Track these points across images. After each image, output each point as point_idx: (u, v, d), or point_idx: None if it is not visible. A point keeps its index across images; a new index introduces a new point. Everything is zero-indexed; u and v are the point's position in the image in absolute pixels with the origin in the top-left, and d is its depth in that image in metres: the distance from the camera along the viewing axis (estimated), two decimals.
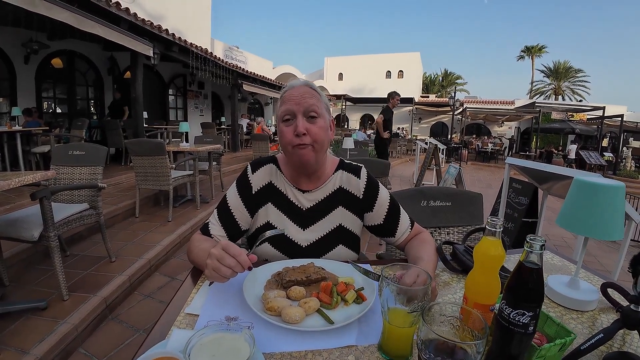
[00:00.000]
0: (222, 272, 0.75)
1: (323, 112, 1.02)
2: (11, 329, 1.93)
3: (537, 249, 0.55)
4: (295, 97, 0.98)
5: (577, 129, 16.31)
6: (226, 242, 0.79)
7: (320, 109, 1.00)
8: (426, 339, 0.46)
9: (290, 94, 1.00)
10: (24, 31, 6.09)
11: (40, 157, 5.67)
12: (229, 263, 0.75)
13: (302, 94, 0.99)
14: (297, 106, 0.98)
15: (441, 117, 23.51)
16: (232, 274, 0.76)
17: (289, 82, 1.07)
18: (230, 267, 0.75)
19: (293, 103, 0.98)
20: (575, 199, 0.89)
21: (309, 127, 0.97)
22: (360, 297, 0.80)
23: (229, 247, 0.77)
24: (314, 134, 0.98)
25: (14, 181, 1.81)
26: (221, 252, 0.76)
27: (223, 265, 0.75)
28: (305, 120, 0.98)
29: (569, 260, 1.14)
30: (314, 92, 1.01)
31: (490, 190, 7.64)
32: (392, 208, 1.12)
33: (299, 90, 1.00)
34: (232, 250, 0.76)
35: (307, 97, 0.99)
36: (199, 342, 0.57)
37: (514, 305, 0.55)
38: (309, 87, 1.02)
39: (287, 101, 1.00)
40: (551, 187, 2.77)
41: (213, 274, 0.77)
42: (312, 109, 0.98)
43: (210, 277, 0.79)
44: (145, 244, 3.25)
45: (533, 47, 35.26)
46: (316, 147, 0.99)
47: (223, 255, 0.76)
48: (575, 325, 0.76)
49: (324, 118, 1.01)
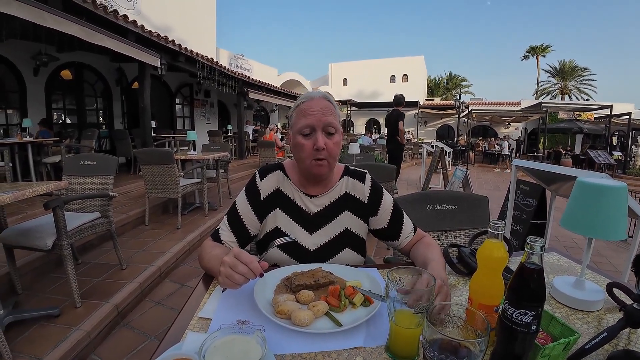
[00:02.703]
0: (235, 279, 0.78)
1: (339, 127, 1.06)
2: (25, 336, 1.97)
3: (538, 250, 0.57)
4: (316, 112, 1.01)
5: (585, 129, 16.15)
6: (238, 250, 0.82)
7: (337, 124, 1.04)
8: (430, 339, 0.48)
9: (310, 107, 1.02)
10: (33, 44, 6.24)
11: (51, 167, 5.79)
12: (241, 270, 0.78)
13: (323, 110, 1.02)
14: (317, 122, 1.01)
15: (447, 120, 23.43)
16: (245, 280, 0.79)
17: (306, 93, 1.10)
18: (242, 274, 0.78)
19: (313, 118, 1.01)
20: (578, 201, 0.90)
21: (327, 142, 1.01)
22: (368, 300, 0.82)
23: (241, 254, 0.80)
24: (330, 149, 1.02)
25: (28, 191, 1.86)
26: (234, 259, 0.79)
27: (236, 272, 0.78)
28: (324, 135, 1.01)
29: (575, 261, 1.15)
30: (332, 107, 1.05)
31: (497, 193, 7.59)
32: (396, 212, 1.15)
33: (318, 104, 1.03)
34: (244, 257, 0.79)
35: (326, 113, 1.02)
36: (212, 344, 0.59)
37: (516, 305, 0.57)
38: (327, 101, 1.05)
39: (307, 115, 1.02)
40: (559, 188, 2.76)
41: (226, 281, 0.80)
42: (331, 125, 1.02)
43: (224, 284, 0.82)
44: (155, 251, 3.30)
45: (538, 46, 35.02)
46: (331, 161, 1.04)
47: (236, 263, 0.79)
48: (580, 325, 0.77)
49: (339, 133, 1.06)
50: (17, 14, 3.21)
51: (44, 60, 6.42)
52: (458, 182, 5.69)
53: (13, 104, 6.82)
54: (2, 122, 6.69)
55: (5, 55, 6.31)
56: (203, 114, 12.07)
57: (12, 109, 6.83)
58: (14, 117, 6.83)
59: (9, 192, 1.75)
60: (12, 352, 1.78)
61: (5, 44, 5.95)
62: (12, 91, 6.70)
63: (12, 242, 2.22)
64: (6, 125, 6.71)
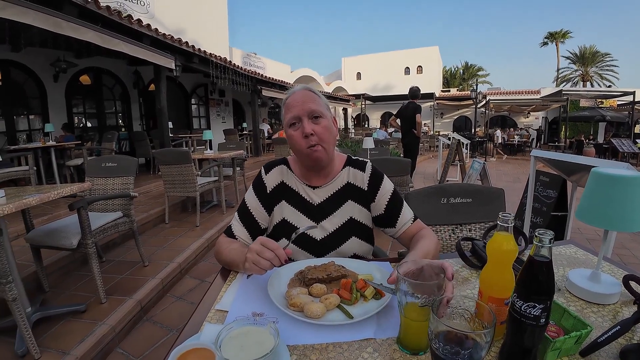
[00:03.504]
0: (262, 265, 0.82)
1: (324, 111, 1.09)
2: (52, 332, 2.07)
3: (547, 243, 0.57)
4: (299, 103, 1.07)
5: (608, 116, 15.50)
6: (265, 238, 0.86)
7: (322, 109, 1.08)
8: (436, 331, 0.49)
9: (293, 100, 1.09)
10: (52, 51, 6.45)
11: (74, 170, 6.00)
12: (267, 256, 0.82)
13: (304, 99, 1.07)
14: (301, 111, 1.05)
15: (464, 111, 22.97)
16: (270, 266, 0.83)
17: (289, 90, 1.16)
18: (269, 260, 0.82)
19: (297, 109, 1.06)
20: (593, 192, 0.88)
21: (315, 127, 1.06)
22: (379, 293, 0.83)
23: (267, 242, 0.85)
24: (319, 133, 1.06)
25: (53, 193, 1.94)
26: (260, 246, 0.84)
27: (262, 258, 0.82)
28: (310, 122, 1.06)
29: (593, 253, 1.13)
30: (313, 95, 1.10)
31: (517, 185, 7.41)
32: (394, 199, 1.16)
33: (299, 96, 1.09)
34: (271, 245, 0.84)
35: (308, 102, 1.07)
36: (228, 334, 0.62)
37: (524, 298, 0.57)
38: (308, 91, 1.10)
39: (291, 107, 1.08)
40: (580, 179, 2.69)
41: (253, 266, 0.84)
42: (315, 111, 1.06)
43: (250, 270, 0.85)
44: (175, 248, 3.39)
45: (557, 32, 33.78)
46: (325, 146, 1.07)
47: (262, 250, 0.83)
48: (595, 318, 0.76)
49: (326, 117, 1.09)
50: (34, 23, 3.31)
51: (63, 66, 6.65)
52: (476, 174, 5.59)
53: (35, 110, 7.10)
54: (24, 127, 6.98)
55: (26, 63, 6.55)
56: (218, 113, 12.23)
57: (34, 114, 7.11)
58: (37, 123, 7.10)
59: (34, 195, 1.84)
60: (40, 347, 1.86)
61: (25, 52, 6.18)
62: (33, 97, 6.97)
63: (39, 242, 2.33)
64: (29, 130, 6.99)
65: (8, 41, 5.38)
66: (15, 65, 6.45)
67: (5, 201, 1.77)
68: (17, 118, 6.85)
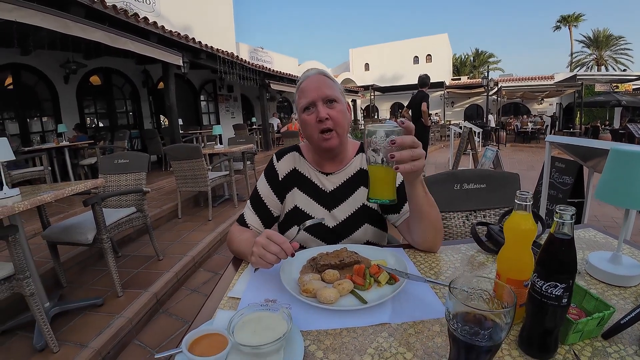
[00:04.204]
0: (268, 259, 0.81)
1: (340, 96, 1.07)
2: (70, 325, 2.12)
3: (568, 219, 0.54)
4: (313, 88, 1.04)
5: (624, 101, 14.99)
6: (271, 232, 0.85)
7: (337, 94, 1.06)
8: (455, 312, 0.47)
9: (308, 85, 1.06)
10: (61, 53, 6.54)
11: (88, 169, 6.12)
12: (273, 250, 0.81)
13: (319, 84, 1.05)
14: (316, 96, 1.03)
15: (475, 99, 22.53)
16: (276, 260, 0.82)
17: (302, 74, 1.12)
18: (275, 254, 0.81)
19: (312, 93, 1.03)
20: (613, 170, 0.85)
21: (330, 112, 1.03)
22: (393, 278, 0.82)
23: (273, 235, 0.83)
24: (335, 118, 1.03)
25: (67, 190, 1.98)
26: (266, 240, 0.82)
27: (268, 252, 0.81)
28: (325, 106, 1.03)
29: (613, 237, 1.09)
30: (328, 80, 1.07)
31: (532, 172, 7.26)
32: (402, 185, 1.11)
33: (314, 80, 1.06)
34: (276, 238, 0.82)
35: (323, 86, 1.04)
36: (240, 320, 0.62)
37: (546, 278, 0.55)
38: (323, 76, 1.08)
39: (305, 92, 1.05)
40: (597, 164, 2.61)
41: (259, 260, 0.83)
42: (330, 95, 1.04)
43: (256, 264, 0.85)
44: (189, 242, 3.44)
45: (569, 16, 32.78)
46: (339, 130, 1.05)
47: (268, 243, 0.82)
48: (617, 301, 0.73)
49: (341, 102, 1.07)
50: (42, 25, 3.36)
51: (73, 67, 6.75)
52: (488, 162, 5.50)
53: (47, 112, 7.24)
54: (38, 129, 7.12)
55: (36, 66, 6.67)
56: (227, 109, 12.27)
57: (46, 116, 7.26)
58: (50, 124, 7.25)
59: (49, 192, 1.87)
60: (58, 340, 1.91)
61: (35, 55, 6.29)
62: (45, 100, 7.11)
63: (55, 238, 2.38)
64: (42, 132, 7.14)
65: (17, 44, 5.46)
66: (26, 68, 6.57)
67: (21, 199, 1.81)
68: (30, 120, 7.01)
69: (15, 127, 6.65)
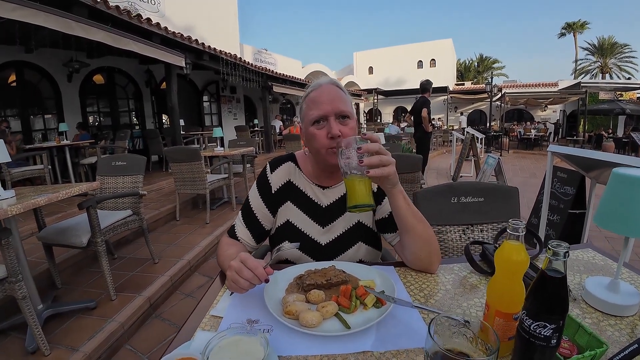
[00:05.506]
0: (240, 284, 0.79)
1: (352, 111, 1.01)
2: (63, 328, 2.10)
3: (561, 257, 0.51)
4: (326, 100, 0.97)
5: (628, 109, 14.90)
6: (245, 255, 0.81)
7: (350, 109, 1.00)
8: (432, 352, 0.45)
9: (319, 96, 0.99)
10: (64, 52, 6.53)
11: (88, 168, 6.12)
12: (246, 276, 0.78)
13: (333, 97, 0.98)
14: (329, 110, 0.96)
15: (478, 105, 22.47)
16: (250, 286, 0.79)
17: (313, 82, 1.05)
18: (247, 280, 0.78)
19: (325, 106, 0.97)
20: (614, 195, 0.81)
21: (342, 128, 0.97)
22: (380, 302, 0.79)
23: (247, 260, 0.80)
24: (346, 135, 0.96)
25: (62, 193, 1.96)
26: (240, 264, 0.79)
27: (241, 277, 0.78)
28: (337, 122, 0.97)
29: (612, 258, 1.05)
30: (341, 92, 1.01)
31: (534, 180, 7.21)
32: None
33: (327, 92, 0.99)
34: (250, 263, 0.79)
35: (337, 100, 0.98)
36: (217, 344, 0.60)
37: (534, 317, 0.52)
38: (336, 87, 1.01)
39: (317, 104, 0.98)
40: (599, 175, 2.57)
41: (232, 285, 0.81)
42: (344, 111, 0.98)
43: (230, 288, 0.83)
44: (185, 245, 3.42)
45: (574, 23, 32.69)
46: None
47: (241, 268, 0.79)
48: (612, 332, 0.70)
49: (353, 118, 1.01)
50: (44, 24, 3.35)
51: (76, 66, 6.76)
52: (490, 170, 5.44)
53: (50, 110, 7.26)
54: (40, 127, 7.14)
55: (40, 64, 6.68)
56: (230, 110, 12.27)
57: (49, 114, 7.27)
58: (52, 122, 7.27)
59: (43, 195, 1.85)
60: (50, 343, 1.89)
61: (39, 53, 6.29)
62: (48, 98, 7.12)
63: (50, 240, 2.36)
64: (44, 129, 7.16)
65: (19, 42, 5.46)
66: (30, 66, 6.58)
67: (15, 201, 1.80)
68: (33, 118, 7.02)
69: (17, 125, 6.66)
